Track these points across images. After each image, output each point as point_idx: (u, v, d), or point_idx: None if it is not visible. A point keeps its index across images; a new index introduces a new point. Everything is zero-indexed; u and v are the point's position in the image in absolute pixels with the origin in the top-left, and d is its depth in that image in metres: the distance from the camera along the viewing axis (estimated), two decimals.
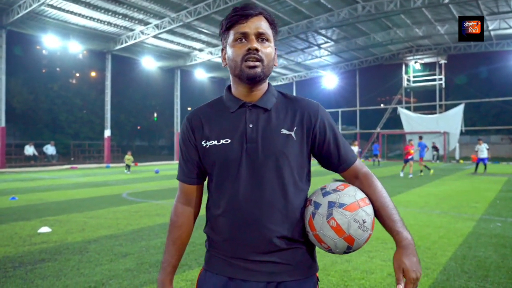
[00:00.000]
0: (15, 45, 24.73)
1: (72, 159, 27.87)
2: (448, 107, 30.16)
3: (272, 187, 1.15)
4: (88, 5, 18.54)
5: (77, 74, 36.04)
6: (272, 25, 1.21)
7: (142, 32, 22.02)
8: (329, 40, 26.94)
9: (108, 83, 25.96)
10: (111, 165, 24.39)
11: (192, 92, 34.54)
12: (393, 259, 1.12)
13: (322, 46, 28.20)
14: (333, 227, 1.11)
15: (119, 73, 29.95)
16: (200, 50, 27.04)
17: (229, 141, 1.17)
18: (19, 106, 28.80)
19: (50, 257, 4.18)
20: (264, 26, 1.17)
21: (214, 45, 25.97)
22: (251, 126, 1.17)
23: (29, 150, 23.18)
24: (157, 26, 21.16)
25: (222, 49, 1.26)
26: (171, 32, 22.47)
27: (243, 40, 1.16)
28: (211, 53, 26.88)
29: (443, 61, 30.53)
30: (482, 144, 15.92)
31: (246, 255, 1.15)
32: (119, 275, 3.59)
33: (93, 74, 36.11)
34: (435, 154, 27.31)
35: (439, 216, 6.58)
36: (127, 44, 23.29)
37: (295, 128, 1.19)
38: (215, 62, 29.20)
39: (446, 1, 17.77)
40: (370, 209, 1.15)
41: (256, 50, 1.14)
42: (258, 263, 1.15)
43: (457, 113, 27.32)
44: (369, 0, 19.24)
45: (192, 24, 21.19)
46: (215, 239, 1.21)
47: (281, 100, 1.24)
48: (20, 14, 17.85)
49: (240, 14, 1.16)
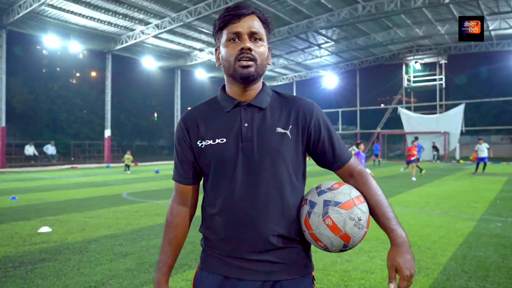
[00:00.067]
0: (15, 45, 24.76)
1: (72, 159, 27.88)
2: (448, 107, 30.17)
3: (268, 186, 1.15)
4: (89, 5, 18.55)
5: (78, 74, 36.08)
6: (265, 24, 1.21)
7: (142, 32, 22.03)
8: (329, 40, 26.94)
9: (109, 83, 25.97)
10: (111, 165, 24.38)
11: (192, 92, 34.55)
12: (387, 257, 1.13)
13: (322, 46, 28.21)
14: (329, 226, 1.11)
15: (119, 73, 29.95)
16: (201, 50, 27.05)
17: (225, 140, 1.17)
18: (19, 106, 28.82)
19: (51, 257, 4.18)
20: (257, 26, 1.17)
21: (215, 45, 25.86)
22: (246, 125, 1.17)
23: (29, 150, 23.19)
24: (157, 26, 21.17)
25: (216, 49, 1.26)
26: (171, 32, 22.49)
27: (236, 40, 1.16)
28: (211, 53, 26.87)
29: (443, 61, 30.54)
30: (483, 144, 15.92)
31: (242, 254, 1.15)
32: (119, 275, 3.59)
33: (93, 74, 36.14)
34: (435, 154, 27.29)
35: (439, 216, 6.58)
36: (127, 44, 23.30)
37: (290, 127, 1.19)
38: (216, 62, 29.19)
39: (447, 1, 17.77)
40: (365, 207, 1.15)
41: (249, 49, 1.14)
42: (254, 262, 1.15)
43: (457, 113, 27.32)
44: (370, 0, 19.24)
45: (193, 24, 21.21)
46: (211, 238, 1.22)
47: (276, 99, 1.24)
48: (21, 14, 17.86)
49: (233, 13, 1.16)
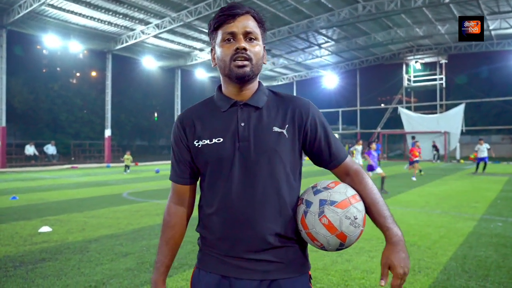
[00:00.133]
0: (15, 45, 24.73)
1: (73, 158, 27.89)
2: (448, 107, 30.16)
3: (264, 185, 1.15)
4: (89, 4, 18.55)
5: (78, 74, 36.06)
6: (260, 23, 1.21)
7: (142, 32, 22.03)
8: (329, 40, 26.94)
9: (109, 82, 25.98)
10: (111, 164, 24.38)
11: (192, 91, 34.53)
12: (382, 254, 1.13)
13: (322, 45, 28.21)
14: (325, 225, 1.11)
15: (119, 73, 29.94)
16: (201, 49, 27.04)
17: (222, 140, 1.18)
18: (20, 106, 28.80)
19: (51, 256, 4.18)
20: (252, 25, 1.18)
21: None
22: (243, 124, 1.18)
23: (30, 149, 23.19)
24: (157, 25, 21.17)
25: (212, 49, 1.26)
26: (171, 31, 22.49)
27: (231, 40, 1.16)
28: None
29: (443, 61, 30.52)
30: (483, 145, 15.90)
31: (240, 253, 1.16)
32: (120, 275, 3.59)
33: (93, 73, 36.13)
34: (435, 154, 27.28)
35: (439, 215, 6.58)
36: (127, 43, 23.30)
37: (287, 126, 1.19)
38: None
39: (447, 0, 17.76)
40: (361, 206, 1.16)
41: (244, 49, 1.15)
42: (251, 261, 1.15)
43: (457, 113, 27.31)
44: (370, 0, 19.24)
45: (193, 24, 21.21)
46: (208, 238, 1.22)
47: (272, 98, 1.25)
48: (21, 14, 17.85)
49: (227, 14, 1.16)
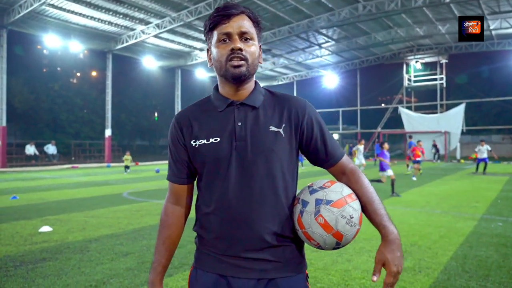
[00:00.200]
0: (16, 45, 24.75)
1: (73, 158, 27.91)
2: (449, 107, 30.14)
3: (261, 184, 1.16)
4: (89, 4, 18.55)
5: (78, 74, 36.09)
6: (255, 23, 1.21)
7: (143, 32, 22.03)
8: (330, 40, 26.92)
9: (109, 82, 25.98)
10: (111, 164, 24.38)
11: (193, 91, 34.54)
12: (376, 251, 1.13)
13: (323, 45, 28.19)
14: (321, 224, 1.12)
15: (120, 73, 29.96)
16: (201, 49, 27.04)
17: (219, 139, 1.18)
18: (20, 106, 28.83)
19: (51, 256, 4.18)
20: (247, 25, 1.18)
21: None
22: (239, 124, 1.18)
23: (30, 149, 23.20)
24: (157, 25, 21.17)
25: (208, 50, 1.26)
26: (172, 31, 22.49)
27: (227, 40, 1.17)
28: None
29: (444, 61, 30.50)
30: (484, 146, 15.88)
31: (237, 252, 1.16)
32: (120, 274, 3.59)
33: (94, 73, 36.15)
34: (435, 154, 27.23)
35: (440, 215, 6.57)
36: (128, 43, 23.29)
37: (283, 125, 1.20)
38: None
39: (447, 0, 17.74)
40: (357, 205, 1.16)
41: (240, 49, 1.15)
42: (249, 260, 1.15)
43: (458, 112, 27.29)
44: None
45: (193, 24, 21.20)
46: (206, 237, 1.22)
47: (269, 98, 1.25)
48: (21, 14, 17.86)
49: (222, 14, 1.17)
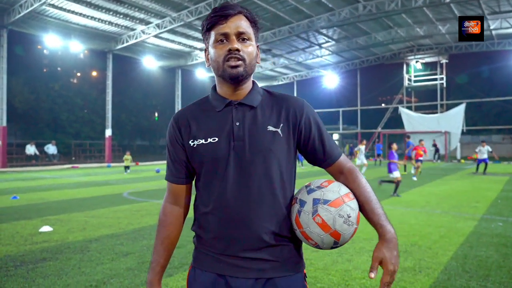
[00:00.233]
0: (16, 45, 24.76)
1: (73, 158, 27.91)
2: (449, 107, 30.13)
3: (259, 184, 1.16)
4: (89, 4, 18.55)
5: (78, 74, 36.11)
6: (253, 23, 1.21)
7: (143, 32, 22.03)
8: (330, 40, 26.91)
9: (109, 82, 25.98)
10: (112, 164, 24.39)
11: (193, 91, 34.55)
12: (374, 249, 1.13)
13: (323, 45, 28.18)
14: (319, 224, 1.12)
15: (120, 73, 29.97)
16: (201, 49, 27.03)
17: (217, 139, 1.18)
18: (21, 106, 28.85)
19: (51, 256, 4.19)
20: (244, 25, 1.18)
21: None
22: (237, 124, 1.18)
23: (30, 149, 23.20)
24: (158, 25, 21.17)
25: (205, 50, 1.26)
26: (172, 31, 22.48)
27: (224, 41, 1.17)
28: None
29: (444, 61, 30.48)
30: (485, 147, 15.85)
31: (235, 252, 1.16)
32: (120, 274, 3.59)
33: (94, 73, 36.17)
34: (435, 154, 27.21)
35: (440, 215, 6.57)
36: (128, 43, 23.30)
37: (281, 125, 1.20)
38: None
39: (447, 0, 17.73)
40: (355, 204, 1.16)
41: (237, 50, 1.15)
42: (247, 260, 1.16)
43: (458, 112, 27.28)
44: None
45: (193, 24, 21.19)
46: (204, 237, 1.22)
47: (267, 98, 1.25)
48: (22, 14, 17.86)
49: (220, 14, 1.17)
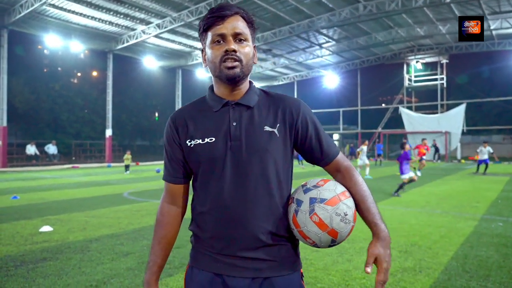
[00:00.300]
0: (16, 45, 24.76)
1: (74, 158, 27.91)
2: (449, 107, 30.12)
3: (256, 184, 1.16)
4: (90, 4, 18.55)
5: (79, 74, 36.11)
6: (249, 23, 1.21)
7: (143, 32, 22.04)
8: (330, 40, 26.90)
9: (110, 82, 25.99)
10: (112, 164, 24.40)
11: (193, 91, 34.53)
12: (369, 246, 1.14)
13: (323, 45, 28.17)
14: (316, 223, 1.13)
15: (120, 73, 29.96)
16: (201, 49, 27.03)
17: (214, 139, 1.19)
18: (21, 106, 28.84)
19: (52, 256, 4.19)
20: (241, 26, 1.18)
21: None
22: (234, 124, 1.19)
23: (31, 149, 23.21)
24: (158, 25, 21.17)
25: (202, 50, 1.27)
26: (172, 31, 22.47)
27: (221, 42, 1.17)
28: None
29: (444, 61, 30.46)
30: (487, 147, 15.83)
31: (233, 251, 1.17)
32: (121, 274, 3.59)
33: (94, 73, 36.17)
34: (435, 154, 27.18)
35: (440, 215, 6.57)
36: (128, 43, 23.30)
37: (278, 125, 1.20)
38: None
39: (448, 0, 17.72)
40: (351, 202, 1.18)
41: (234, 51, 1.15)
42: (244, 259, 1.16)
43: (458, 112, 27.27)
44: None
45: (194, 24, 21.17)
46: (201, 236, 1.22)
47: (263, 98, 1.26)
48: (22, 14, 17.87)
49: (216, 15, 1.17)
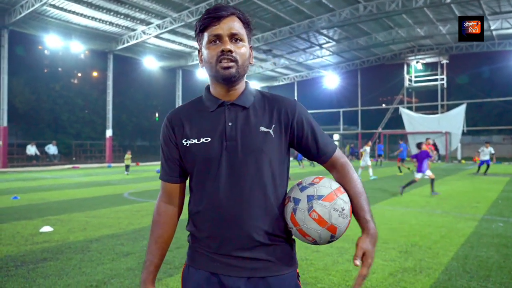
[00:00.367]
0: (17, 45, 24.78)
1: (74, 158, 27.92)
2: (450, 107, 30.11)
3: (251, 184, 1.17)
4: (90, 5, 18.56)
5: (79, 74, 36.15)
6: (246, 24, 1.22)
7: (143, 32, 22.04)
8: (330, 40, 26.90)
9: (110, 83, 25.99)
10: (112, 164, 24.40)
11: (193, 92, 34.49)
12: (358, 240, 1.16)
13: (323, 46, 28.17)
14: (315, 219, 1.14)
15: (121, 73, 29.98)
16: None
17: (209, 139, 1.19)
18: (21, 106, 28.86)
19: (52, 256, 4.19)
20: (237, 26, 1.19)
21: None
22: (230, 124, 1.19)
23: (31, 149, 23.22)
24: (158, 26, 21.18)
25: (199, 51, 1.27)
26: (172, 32, 22.47)
27: (217, 42, 1.18)
28: None
29: (445, 61, 30.46)
30: (488, 148, 15.79)
31: (228, 251, 1.17)
32: (121, 274, 3.60)
33: (95, 74, 36.21)
34: (436, 154, 27.15)
35: (440, 216, 6.57)
36: (129, 44, 23.31)
37: (273, 126, 1.21)
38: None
39: (448, 0, 17.72)
40: (346, 197, 1.20)
41: (230, 51, 1.16)
42: (239, 259, 1.17)
43: (459, 113, 27.25)
44: (371, 0, 19.21)
45: (194, 24, 21.02)
46: (197, 236, 1.23)
47: (259, 98, 1.26)
48: (22, 14, 17.88)
49: (213, 16, 1.18)
